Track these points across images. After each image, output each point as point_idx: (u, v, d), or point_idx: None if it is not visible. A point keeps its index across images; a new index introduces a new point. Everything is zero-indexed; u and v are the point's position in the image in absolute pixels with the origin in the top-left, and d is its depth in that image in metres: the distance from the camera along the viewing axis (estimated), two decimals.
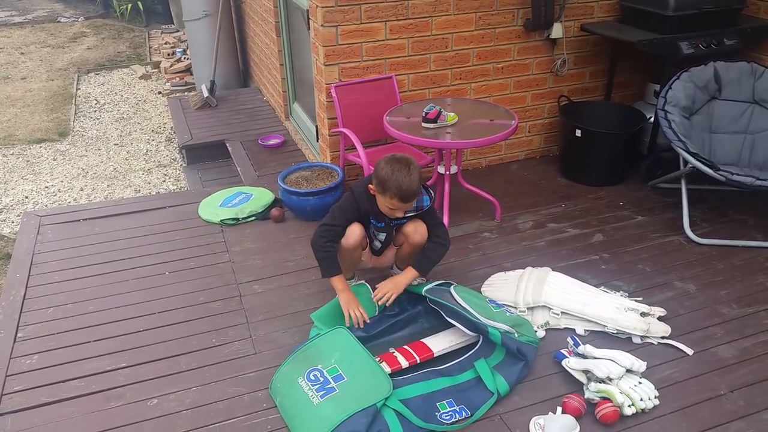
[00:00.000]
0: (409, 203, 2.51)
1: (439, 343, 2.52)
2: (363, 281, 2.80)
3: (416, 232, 2.66)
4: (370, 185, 2.53)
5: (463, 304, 2.50)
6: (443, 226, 2.74)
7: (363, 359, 2.28)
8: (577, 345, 2.48)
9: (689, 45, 3.53)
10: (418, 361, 2.41)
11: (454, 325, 2.49)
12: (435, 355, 2.46)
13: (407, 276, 2.62)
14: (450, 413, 2.21)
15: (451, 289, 2.63)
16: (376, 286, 2.63)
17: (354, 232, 2.59)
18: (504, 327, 2.44)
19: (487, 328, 2.40)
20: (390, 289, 2.58)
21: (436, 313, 2.73)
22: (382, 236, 2.76)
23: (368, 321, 2.54)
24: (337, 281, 2.58)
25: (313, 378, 2.25)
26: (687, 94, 3.41)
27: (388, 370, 2.32)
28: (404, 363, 2.38)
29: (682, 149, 3.19)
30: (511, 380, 2.33)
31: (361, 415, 2.07)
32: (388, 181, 2.40)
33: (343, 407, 2.10)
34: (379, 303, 2.58)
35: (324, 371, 2.26)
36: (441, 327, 2.62)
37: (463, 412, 2.23)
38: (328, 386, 2.19)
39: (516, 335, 2.44)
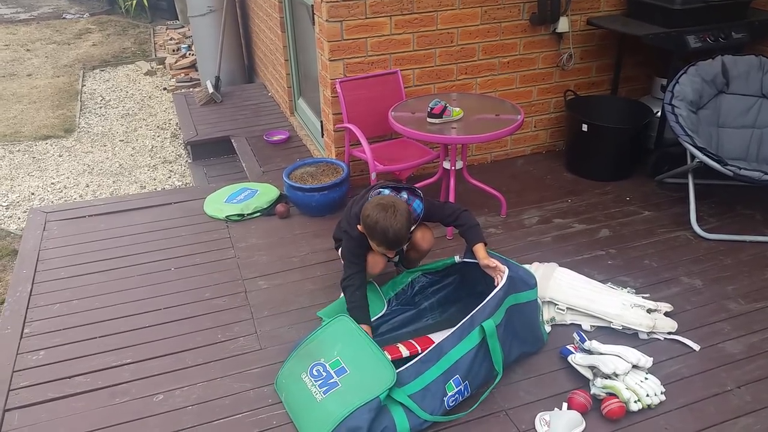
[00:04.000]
0: (397, 248, 2.51)
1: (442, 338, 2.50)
2: (370, 280, 2.80)
3: (423, 239, 2.68)
4: (358, 225, 2.49)
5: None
6: (455, 209, 2.62)
7: (366, 349, 2.25)
8: (583, 341, 2.47)
9: (696, 39, 3.50)
10: (419, 351, 2.39)
11: (456, 324, 2.47)
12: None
13: (482, 252, 2.49)
14: (455, 396, 2.21)
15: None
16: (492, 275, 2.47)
17: (378, 263, 2.61)
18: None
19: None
20: (499, 269, 2.42)
21: (441, 309, 2.72)
22: (396, 256, 2.79)
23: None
24: (366, 330, 2.46)
25: (315, 373, 2.24)
26: (694, 89, 3.39)
27: (388, 357, 2.31)
28: (405, 352, 2.37)
29: (689, 144, 3.16)
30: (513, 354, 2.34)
31: (363, 410, 2.06)
32: (374, 230, 2.39)
33: (346, 402, 2.09)
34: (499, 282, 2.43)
35: (326, 365, 2.25)
36: (445, 324, 2.61)
37: (466, 391, 2.23)
38: (331, 381, 2.19)
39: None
